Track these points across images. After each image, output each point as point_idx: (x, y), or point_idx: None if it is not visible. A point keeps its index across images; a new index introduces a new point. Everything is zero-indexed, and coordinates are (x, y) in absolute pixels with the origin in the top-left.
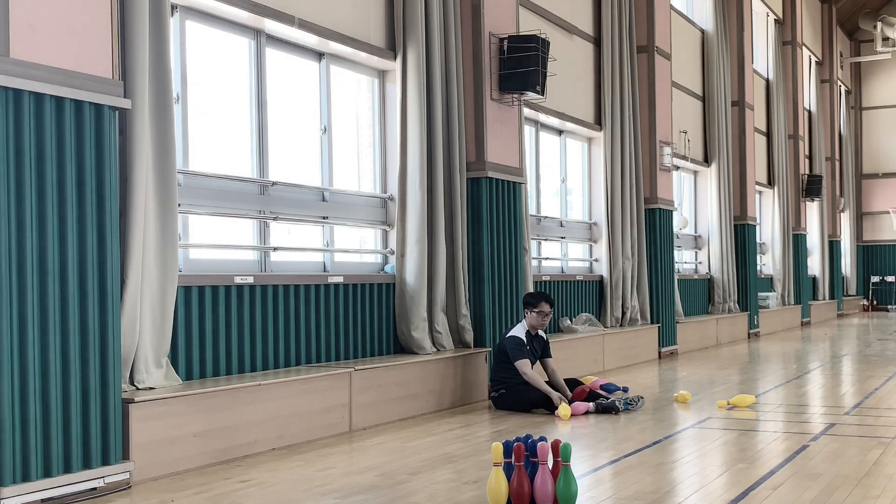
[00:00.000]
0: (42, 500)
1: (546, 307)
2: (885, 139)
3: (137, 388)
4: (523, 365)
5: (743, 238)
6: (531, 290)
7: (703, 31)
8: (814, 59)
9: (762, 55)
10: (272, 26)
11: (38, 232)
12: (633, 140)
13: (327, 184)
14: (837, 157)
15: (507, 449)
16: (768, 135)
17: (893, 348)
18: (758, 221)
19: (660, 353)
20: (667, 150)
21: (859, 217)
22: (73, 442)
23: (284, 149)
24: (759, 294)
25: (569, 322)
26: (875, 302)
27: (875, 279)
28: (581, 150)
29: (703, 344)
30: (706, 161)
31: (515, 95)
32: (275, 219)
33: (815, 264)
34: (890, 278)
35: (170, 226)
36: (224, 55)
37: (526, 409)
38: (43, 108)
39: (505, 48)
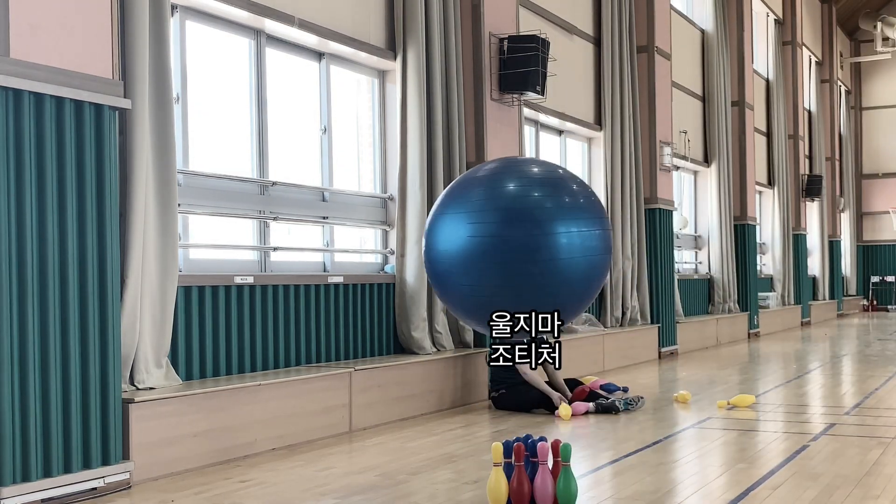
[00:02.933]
0: (42, 500)
1: None
2: (885, 139)
3: (137, 388)
4: (523, 364)
5: (743, 238)
6: None
7: (703, 31)
8: (814, 59)
9: (762, 55)
10: (272, 26)
11: (38, 232)
12: (633, 140)
13: (327, 184)
14: (837, 157)
15: (507, 449)
16: (768, 135)
17: (893, 348)
18: (758, 221)
19: (660, 353)
20: (667, 150)
21: (859, 217)
22: (73, 442)
23: (284, 149)
24: (759, 294)
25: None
26: (875, 302)
27: (875, 279)
28: (581, 150)
29: (703, 344)
30: (706, 161)
31: (515, 95)
32: (275, 219)
33: (815, 264)
34: (890, 278)
35: (170, 226)
36: (224, 55)
37: (526, 409)
38: (43, 108)
39: (505, 48)
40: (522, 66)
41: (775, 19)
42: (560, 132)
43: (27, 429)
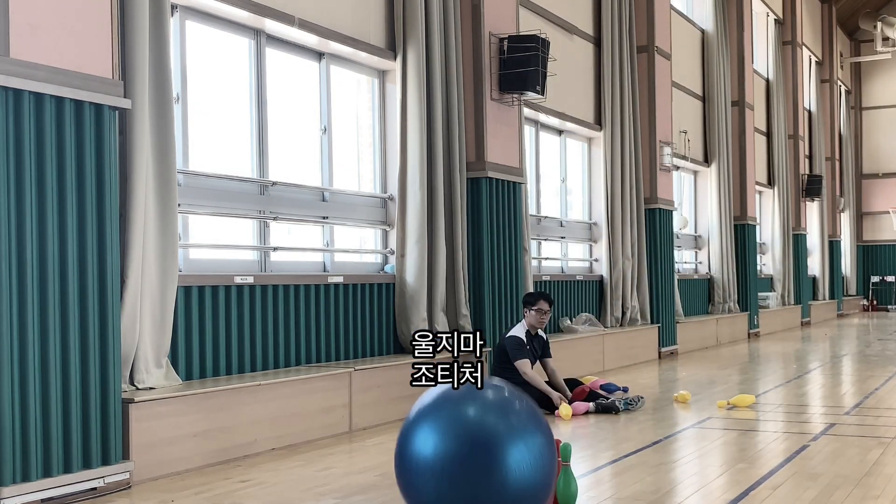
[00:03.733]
0: (42, 500)
1: (545, 305)
2: (885, 139)
3: (137, 388)
4: (523, 365)
5: (743, 238)
6: (531, 290)
7: (703, 31)
8: (814, 59)
9: (762, 55)
10: (272, 26)
11: (38, 232)
12: (633, 140)
13: (327, 184)
14: (837, 157)
15: None
16: (768, 135)
17: (893, 348)
18: (758, 221)
19: (660, 353)
20: (667, 150)
21: (859, 217)
22: (73, 442)
23: (284, 149)
24: (759, 294)
25: (569, 322)
26: (875, 302)
27: (875, 279)
28: (581, 150)
29: (703, 344)
30: (706, 161)
31: (515, 95)
32: (275, 219)
33: (815, 264)
34: (890, 278)
35: (170, 226)
36: (224, 55)
37: None
38: (43, 108)
39: (505, 48)
40: (522, 66)
41: (775, 19)
42: (560, 132)
43: (27, 429)
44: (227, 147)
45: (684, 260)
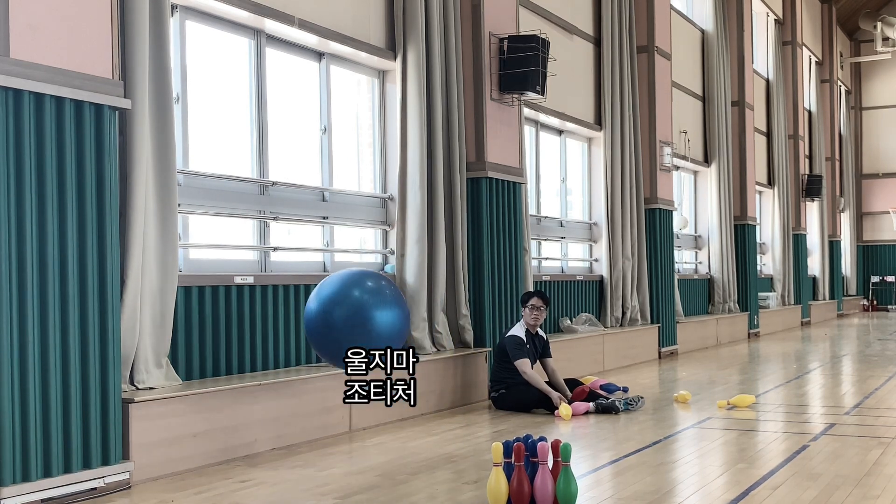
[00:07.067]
0: (42, 500)
1: (538, 301)
2: (885, 139)
3: (137, 388)
4: (523, 364)
5: (743, 238)
6: (531, 290)
7: (703, 31)
8: (814, 59)
9: (762, 55)
10: (272, 26)
11: (38, 232)
12: (633, 140)
13: (327, 184)
14: (837, 157)
15: (507, 449)
16: (768, 135)
17: (893, 348)
18: (758, 221)
19: (660, 353)
20: (667, 150)
21: (859, 217)
22: (73, 442)
23: (284, 149)
24: (759, 294)
25: (569, 322)
26: (875, 302)
27: (875, 279)
28: (581, 150)
29: (703, 344)
30: (706, 161)
31: (515, 95)
32: (275, 219)
33: (815, 264)
34: (890, 278)
35: (170, 226)
36: (224, 55)
37: (526, 409)
38: (43, 108)
39: (505, 48)
40: (522, 66)
41: (775, 19)
42: (560, 132)
43: (27, 429)
44: (227, 147)
45: (684, 260)
